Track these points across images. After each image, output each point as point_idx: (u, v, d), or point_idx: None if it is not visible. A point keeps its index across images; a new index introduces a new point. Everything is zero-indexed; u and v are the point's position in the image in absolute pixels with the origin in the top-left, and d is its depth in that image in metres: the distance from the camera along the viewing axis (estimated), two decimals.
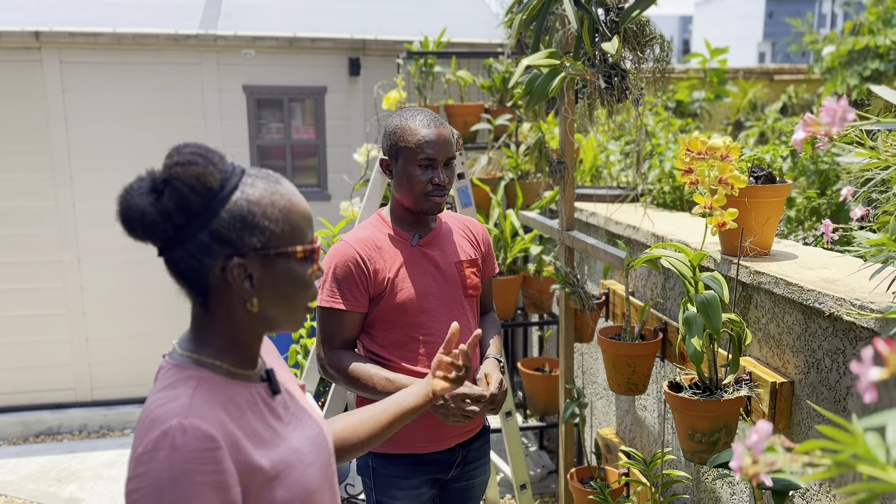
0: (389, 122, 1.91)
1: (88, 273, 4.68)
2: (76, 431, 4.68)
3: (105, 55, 4.56)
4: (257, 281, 1.04)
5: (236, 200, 1.02)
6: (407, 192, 1.88)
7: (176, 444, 0.94)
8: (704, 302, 1.66)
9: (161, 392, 1.01)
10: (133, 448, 0.98)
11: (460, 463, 2.01)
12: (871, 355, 0.66)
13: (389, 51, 4.83)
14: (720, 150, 1.69)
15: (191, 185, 1.00)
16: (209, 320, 1.07)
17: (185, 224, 1.01)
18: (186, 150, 1.02)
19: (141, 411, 1.02)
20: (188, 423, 0.95)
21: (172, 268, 1.05)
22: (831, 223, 1.63)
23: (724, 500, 2.17)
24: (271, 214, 1.04)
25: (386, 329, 1.89)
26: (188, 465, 0.93)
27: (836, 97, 3.48)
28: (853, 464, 0.68)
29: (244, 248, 1.02)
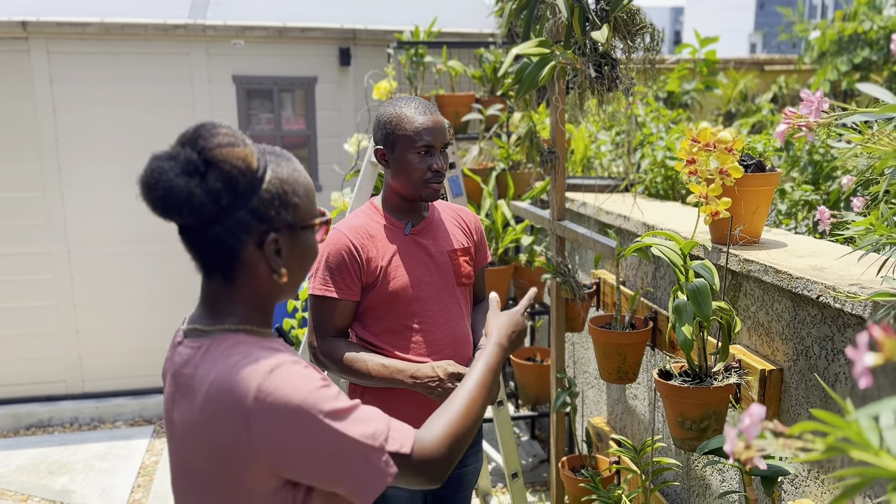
0: (382, 111, 1.90)
1: (78, 264, 4.65)
2: (67, 424, 4.67)
3: (93, 45, 4.52)
4: (285, 254, 1.11)
5: (270, 179, 1.08)
6: (405, 179, 1.87)
7: (278, 380, 1.02)
8: (695, 290, 1.66)
9: (221, 361, 1.06)
10: (225, 416, 1.02)
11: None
12: (866, 340, 0.66)
13: (380, 41, 4.81)
14: (728, 143, 1.69)
15: (239, 167, 1.04)
16: (232, 293, 1.12)
17: (231, 204, 1.05)
18: (221, 129, 1.07)
19: (207, 388, 1.05)
20: (270, 363, 1.04)
21: (201, 244, 1.08)
22: (827, 210, 1.64)
23: (714, 487, 2.18)
24: (298, 191, 1.11)
25: (378, 317, 1.89)
26: (300, 384, 1.02)
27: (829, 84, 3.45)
28: (845, 448, 0.68)
29: (278, 223, 1.08)
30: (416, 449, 1.09)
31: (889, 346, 0.64)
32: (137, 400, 4.76)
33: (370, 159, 2.63)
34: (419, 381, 1.81)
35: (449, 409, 1.18)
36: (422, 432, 1.13)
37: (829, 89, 5.22)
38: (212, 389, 1.04)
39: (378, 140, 1.90)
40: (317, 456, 1.02)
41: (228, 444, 1.03)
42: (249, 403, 1.01)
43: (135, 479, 3.92)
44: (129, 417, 4.73)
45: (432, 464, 1.10)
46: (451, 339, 1.95)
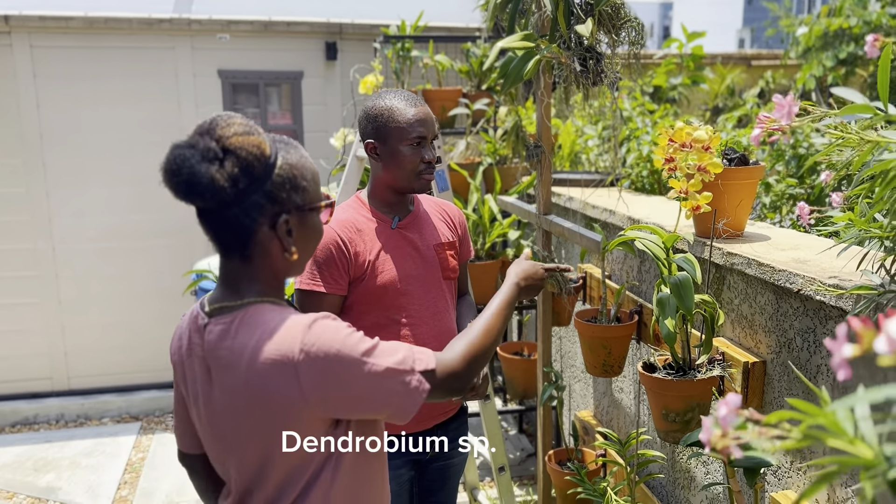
0: (370, 104, 1.89)
1: (63, 261, 4.62)
2: (53, 421, 4.64)
3: (77, 39, 4.48)
4: (295, 234, 1.21)
5: (282, 165, 1.18)
6: (398, 172, 1.87)
7: (317, 331, 1.15)
8: (677, 283, 1.67)
9: (259, 328, 1.17)
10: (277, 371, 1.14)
11: (439, 444, 2.02)
12: (844, 332, 0.66)
13: (366, 35, 4.79)
14: (703, 142, 1.70)
15: (254, 154, 1.14)
16: (248, 270, 1.22)
17: (248, 188, 1.15)
18: (236, 120, 1.17)
19: (252, 351, 1.15)
20: (306, 319, 1.17)
21: (221, 225, 1.18)
22: (807, 206, 1.65)
23: (698, 479, 2.19)
24: (307, 176, 1.22)
25: (366, 311, 1.89)
26: (336, 332, 1.17)
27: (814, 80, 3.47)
28: (820, 436, 0.69)
29: (289, 205, 1.19)
30: (439, 365, 1.25)
31: (867, 337, 0.64)
32: (124, 396, 4.73)
33: (356, 154, 2.62)
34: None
35: (469, 333, 1.36)
36: (444, 352, 1.30)
37: (815, 84, 5.24)
38: (256, 353, 1.15)
39: (368, 133, 1.89)
40: (361, 390, 1.17)
41: (281, 397, 1.14)
42: (296, 356, 1.13)
43: (121, 476, 3.90)
44: (116, 414, 4.70)
45: (455, 377, 1.27)
46: (437, 333, 1.95)
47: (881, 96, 1.08)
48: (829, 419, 0.68)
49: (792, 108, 1.06)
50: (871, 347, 0.63)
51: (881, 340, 0.60)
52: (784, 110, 1.07)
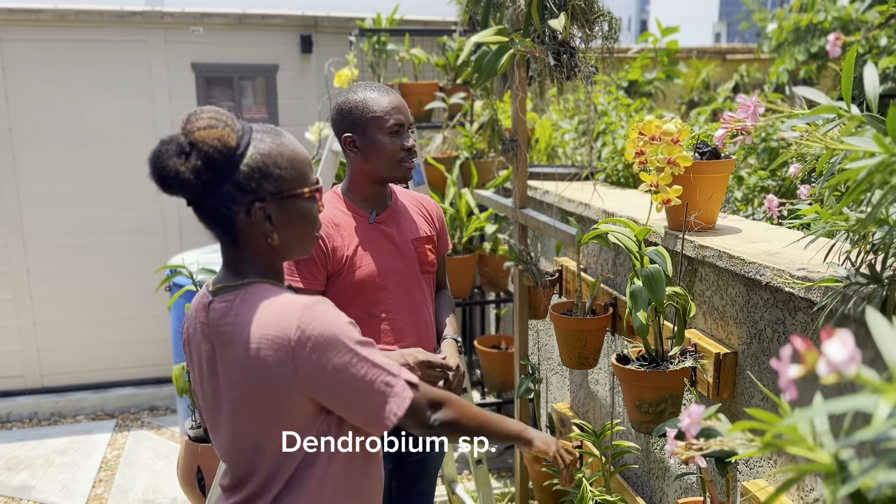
0: (342, 99, 1.89)
1: (35, 257, 4.55)
2: (26, 419, 4.58)
3: (47, 32, 4.40)
4: (275, 220, 1.24)
5: (252, 155, 1.21)
6: (379, 162, 1.87)
7: (316, 314, 1.20)
8: (649, 276, 1.69)
9: (259, 304, 1.22)
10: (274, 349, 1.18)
11: (416, 440, 2.02)
12: (789, 353, 0.68)
13: (342, 28, 4.77)
14: (672, 135, 1.72)
15: (215, 147, 1.18)
16: (241, 256, 1.28)
17: (213, 179, 1.19)
18: (205, 114, 1.20)
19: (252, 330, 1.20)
20: (307, 300, 1.22)
21: (203, 215, 1.25)
22: (776, 198, 1.67)
23: (672, 469, 2.22)
24: (280, 163, 1.23)
25: (344, 306, 1.87)
26: (336, 318, 1.22)
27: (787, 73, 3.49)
28: (780, 444, 0.71)
29: (262, 193, 1.22)
30: (428, 392, 1.28)
31: (810, 359, 0.66)
32: (98, 394, 4.68)
33: (331, 148, 2.62)
34: None
35: (476, 410, 1.39)
36: (441, 391, 1.32)
37: (788, 78, 5.31)
38: (256, 329, 1.20)
39: (345, 127, 1.88)
40: (349, 378, 1.19)
41: (276, 373, 1.19)
42: (292, 334, 1.17)
43: (96, 474, 3.86)
44: (91, 412, 4.65)
45: (432, 413, 1.29)
46: (415, 327, 1.96)
47: (844, 97, 1.10)
48: (789, 429, 0.69)
49: (756, 108, 1.07)
50: (814, 369, 0.64)
51: (822, 363, 0.62)
52: (749, 111, 1.08)
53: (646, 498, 2.39)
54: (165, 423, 4.48)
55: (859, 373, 0.58)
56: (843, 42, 0.97)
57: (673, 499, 2.22)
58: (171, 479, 3.75)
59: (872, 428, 0.56)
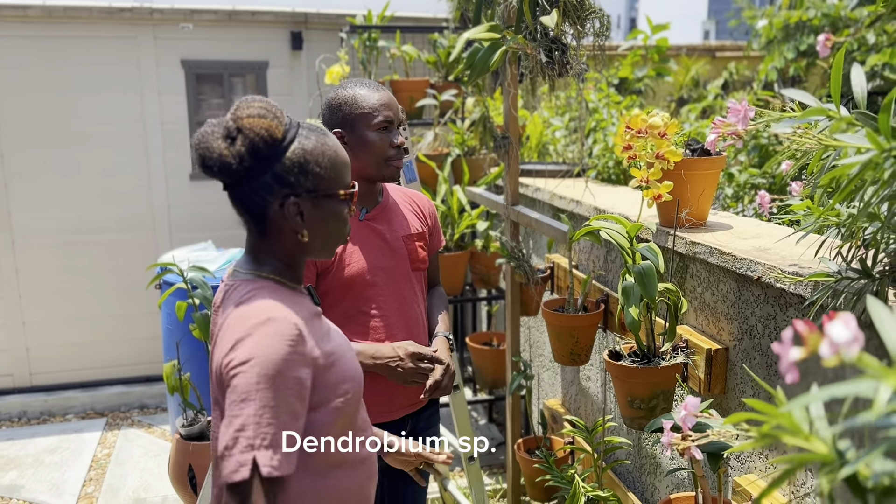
0: (334, 94, 1.89)
1: (23, 255, 4.52)
2: (15, 418, 4.54)
3: (35, 29, 4.37)
4: (307, 217, 1.26)
5: (295, 149, 1.24)
6: (368, 159, 1.87)
7: (269, 332, 1.16)
8: (641, 272, 1.69)
9: (242, 298, 1.23)
10: (225, 341, 1.18)
11: (410, 432, 2.03)
12: (791, 336, 0.68)
13: (332, 25, 4.75)
14: (659, 128, 1.72)
15: (261, 135, 1.20)
16: (266, 245, 1.29)
17: (254, 166, 1.21)
18: (255, 104, 1.23)
19: (225, 320, 1.22)
20: (278, 314, 1.19)
21: (238, 201, 1.27)
22: (768, 195, 1.68)
23: (663, 465, 2.23)
24: (322, 162, 1.26)
25: (334, 302, 1.89)
26: (279, 345, 1.15)
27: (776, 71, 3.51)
28: (778, 435, 0.71)
29: (299, 189, 1.24)
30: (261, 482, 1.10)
31: (812, 341, 0.66)
32: (88, 392, 4.65)
33: None
34: (380, 361, 1.83)
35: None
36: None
37: (777, 76, 5.33)
38: (225, 322, 1.21)
39: (334, 124, 1.88)
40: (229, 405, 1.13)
41: (219, 370, 1.18)
42: (234, 339, 1.17)
43: (86, 473, 3.84)
44: (80, 410, 4.63)
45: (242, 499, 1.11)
46: (406, 323, 1.95)
47: (833, 98, 1.10)
48: (785, 419, 0.70)
49: (747, 112, 1.07)
50: (817, 350, 0.64)
51: (825, 344, 0.62)
52: (739, 115, 1.08)
53: (637, 493, 2.40)
54: (156, 421, 4.46)
55: (861, 356, 0.58)
56: (832, 43, 0.98)
57: (664, 494, 2.23)
58: (162, 477, 3.73)
59: (873, 412, 0.57)
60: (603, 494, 2.11)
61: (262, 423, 1.10)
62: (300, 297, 1.31)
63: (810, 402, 0.69)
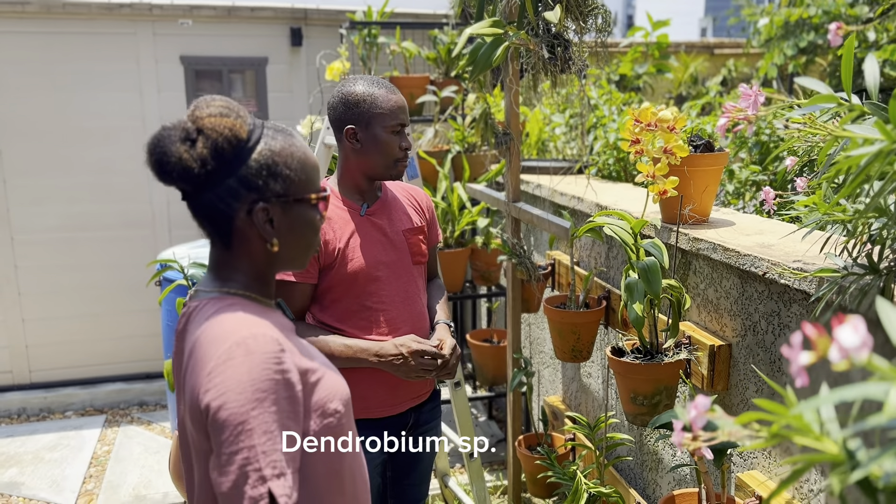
0: (349, 90, 1.87)
1: (22, 252, 4.50)
2: (15, 415, 4.54)
3: (34, 25, 4.35)
4: (277, 224, 1.16)
5: (261, 150, 1.14)
6: (378, 158, 1.88)
7: (250, 350, 1.05)
8: (645, 268, 1.69)
9: (210, 319, 1.12)
10: (197, 373, 1.07)
11: (412, 426, 2.04)
12: (800, 340, 0.68)
13: (332, 21, 4.74)
14: (668, 122, 1.72)
15: (225, 135, 1.11)
16: (231, 258, 1.19)
17: (217, 170, 1.12)
18: (216, 102, 1.14)
19: (194, 345, 1.11)
20: (256, 331, 1.08)
21: (199, 210, 1.16)
22: (772, 191, 1.68)
23: (666, 461, 2.23)
24: (291, 164, 1.16)
25: (336, 298, 1.89)
26: (264, 364, 1.05)
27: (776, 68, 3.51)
28: (788, 435, 0.70)
29: (268, 193, 1.14)
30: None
31: (822, 345, 0.65)
32: (88, 389, 4.64)
33: (324, 141, 2.60)
34: (384, 359, 1.84)
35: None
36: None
37: (777, 73, 5.33)
38: (194, 348, 1.11)
39: (348, 119, 1.87)
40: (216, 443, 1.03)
41: (195, 403, 1.07)
42: (210, 366, 1.06)
43: (86, 470, 3.84)
44: (80, 407, 4.62)
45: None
46: (408, 317, 1.96)
47: (844, 86, 1.10)
48: (795, 419, 0.69)
49: (758, 98, 1.08)
50: (826, 355, 0.64)
51: (834, 349, 0.62)
52: (750, 100, 1.09)
53: (639, 490, 2.40)
54: (156, 418, 4.45)
55: (870, 359, 0.58)
56: (844, 32, 0.97)
57: (666, 490, 2.23)
58: (162, 474, 3.72)
59: (885, 414, 0.57)
60: (605, 491, 2.11)
61: (269, 452, 1.02)
62: (273, 313, 1.20)
63: (821, 404, 0.69)
